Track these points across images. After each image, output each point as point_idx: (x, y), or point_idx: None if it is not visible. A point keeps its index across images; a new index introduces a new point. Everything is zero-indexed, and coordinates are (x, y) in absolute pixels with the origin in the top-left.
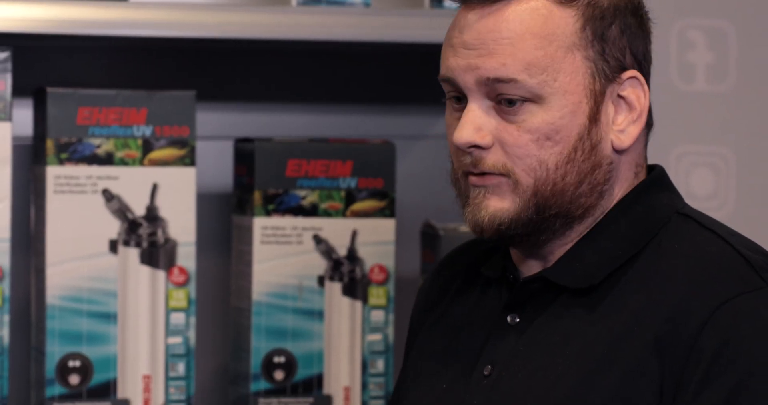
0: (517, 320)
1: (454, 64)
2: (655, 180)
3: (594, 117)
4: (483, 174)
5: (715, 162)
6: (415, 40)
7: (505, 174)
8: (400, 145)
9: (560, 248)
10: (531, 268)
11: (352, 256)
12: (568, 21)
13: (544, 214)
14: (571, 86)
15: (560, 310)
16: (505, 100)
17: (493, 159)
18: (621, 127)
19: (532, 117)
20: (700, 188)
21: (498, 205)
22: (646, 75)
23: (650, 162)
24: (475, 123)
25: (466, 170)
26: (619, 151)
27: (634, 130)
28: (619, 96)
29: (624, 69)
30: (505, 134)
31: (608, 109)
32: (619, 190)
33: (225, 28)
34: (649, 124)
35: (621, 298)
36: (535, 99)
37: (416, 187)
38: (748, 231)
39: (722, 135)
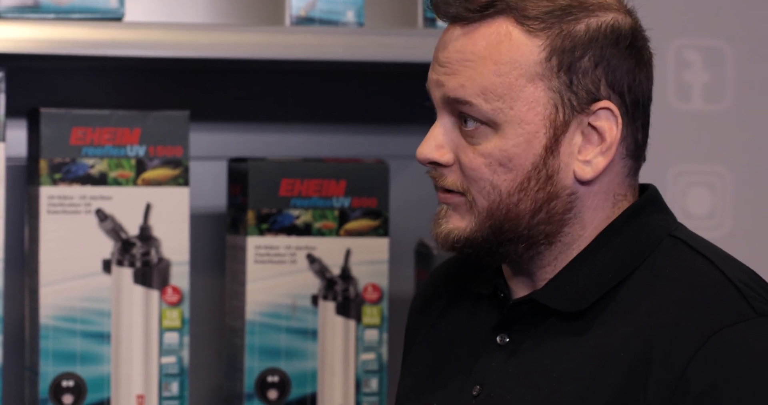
0: (507, 340)
1: (430, 77)
2: (648, 201)
3: (551, 148)
4: (446, 191)
5: (712, 181)
6: (408, 60)
7: (463, 193)
8: (394, 165)
9: (541, 270)
10: (521, 287)
11: (346, 275)
12: (533, 50)
13: (500, 238)
14: (528, 116)
15: (550, 332)
16: (464, 120)
17: (452, 177)
18: (587, 158)
19: (487, 141)
20: (698, 207)
21: (456, 223)
22: (633, 106)
23: (647, 181)
24: (438, 140)
25: (434, 182)
26: (583, 182)
27: (601, 162)
28: (591, 126)
29: (597, 100)
30: (462, 154)
31: (574, 139)
32: (592, 219)
33: (218, 47)
34: (638, 157)
35: (610, 322)
36: (490, 124)
37: (410, 206)
38: (745, 250)
39: (719, 154)
